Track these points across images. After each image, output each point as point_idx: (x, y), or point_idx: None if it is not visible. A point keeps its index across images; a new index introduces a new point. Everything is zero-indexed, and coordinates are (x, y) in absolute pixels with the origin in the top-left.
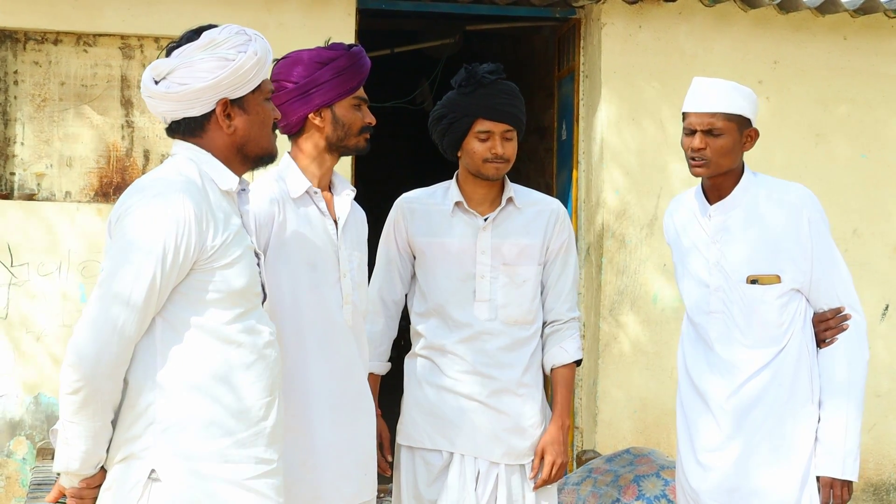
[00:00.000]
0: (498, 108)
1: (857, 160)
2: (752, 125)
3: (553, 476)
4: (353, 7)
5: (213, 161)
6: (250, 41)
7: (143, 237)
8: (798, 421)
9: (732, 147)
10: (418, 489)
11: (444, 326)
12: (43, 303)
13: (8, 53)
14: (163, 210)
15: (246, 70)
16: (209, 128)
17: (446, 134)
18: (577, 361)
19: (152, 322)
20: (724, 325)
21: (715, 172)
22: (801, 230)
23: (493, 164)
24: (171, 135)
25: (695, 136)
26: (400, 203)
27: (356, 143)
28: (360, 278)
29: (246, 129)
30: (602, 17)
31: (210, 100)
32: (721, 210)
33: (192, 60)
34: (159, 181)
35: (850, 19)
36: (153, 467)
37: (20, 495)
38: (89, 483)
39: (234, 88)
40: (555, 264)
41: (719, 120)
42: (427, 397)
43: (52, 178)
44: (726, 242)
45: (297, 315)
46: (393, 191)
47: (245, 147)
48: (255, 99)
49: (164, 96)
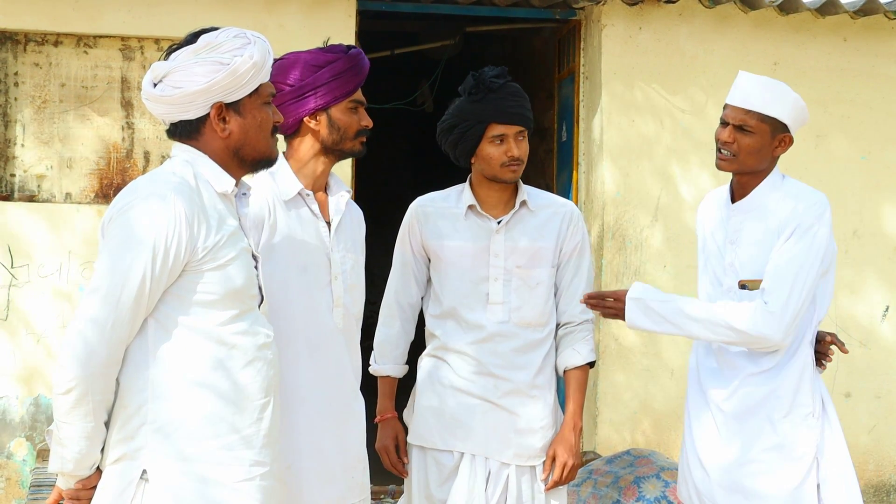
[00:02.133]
0: (509, 110)
1: (857, 161)
2: (789, 131)
3: (564, 478)
4: (354, 8)
5: (209, 163)
6: (248, 45)
7: (134, 237)
8: (798, 431)
9: (760, 148)
10: (429, 489)
11: (457, 328)
12: (43, 304)
13: (8, 55)
14: (154, 210)
15: (241, 74)
16: (204, 131)
17: (459, 143)
18: (590, 363)
19: (144, 323)
20: None
21: (738, 169)
22: (783, 235)
23: (509, 167)
24: (170, 136)
25: (727, 128)
26: (414, 207)
27: (352, 146)
28: (353, 280)
29: (241, 132)
30: (602, 19)
31: (204, 103)
32: (738, 210)
33: (186, 64)
34: (151, 182)
35: (850, 21)
36: (144, 468)
37: (20, 496)
38: (85, 484)
39: (228, 92)
40: (568, 266)
41: (752, 118)
42: (439, 398)
43: (52, 179)
44: (738, 243)
45: (287, 317)
46: (393, 192)
47: (241, 150)
48: (251, 103)
49: (159, 99)
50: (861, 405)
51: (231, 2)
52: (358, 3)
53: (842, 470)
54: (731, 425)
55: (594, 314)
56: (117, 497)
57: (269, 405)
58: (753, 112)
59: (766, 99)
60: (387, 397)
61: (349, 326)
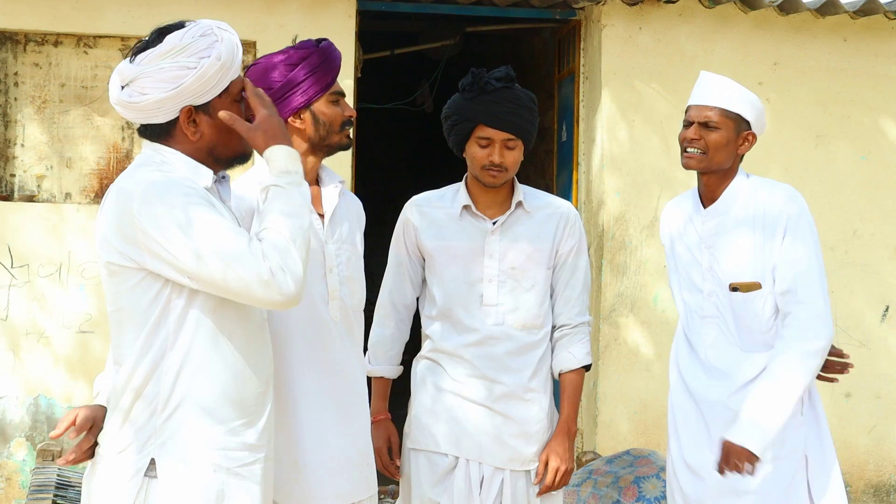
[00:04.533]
0: (500, 115)
1: (856, 161)
2: (752, 129)
3: (557, 483)
4: (354, 8)
5: (184, 160)
6: (216, 43)
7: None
8: (788, 429)
9: (726, 144)
10: (423, 490)
11: (452, 330)
12: (43, 304)
13: (8, 55)
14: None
15: (209, 77)
16: (175, 133)
17: (450, 135)
18: (586, 367)
19: (150, 314)
20: (719, 329)
21: (707, 167)
22: (776, 233)
23: (489, 171)
24: (141, 136)
25: (691, 126)
26: (409, 206)
27: (339, 139)
28: (349, 272)
29: (213, 133)
30: (602, 19)
31: (173, 108)
32: (712, 214)
33: (152, 70)
34: (158, 183)
35: (850, 21)
36: (152, 457)
37: (20, 497)
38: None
39: (197, 96)
40: (564, 268)
41: (716, 114)
42: (434, 400)
43: (52, 179)
44: (717, 247)
45: (283, 313)
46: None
47: (215, 150)
48: (221, 102)
49: (126, 105)
50: (861, 405)
51: (231, 2)
52: (358, 3)
53: (828, 467)
54: (720, 427)
55: (591, 317)
56: (123, 487)
57: (267, 393)
58: (716, 108)
59: (726, 96)
60: (380, 398)
61: (348, 319)
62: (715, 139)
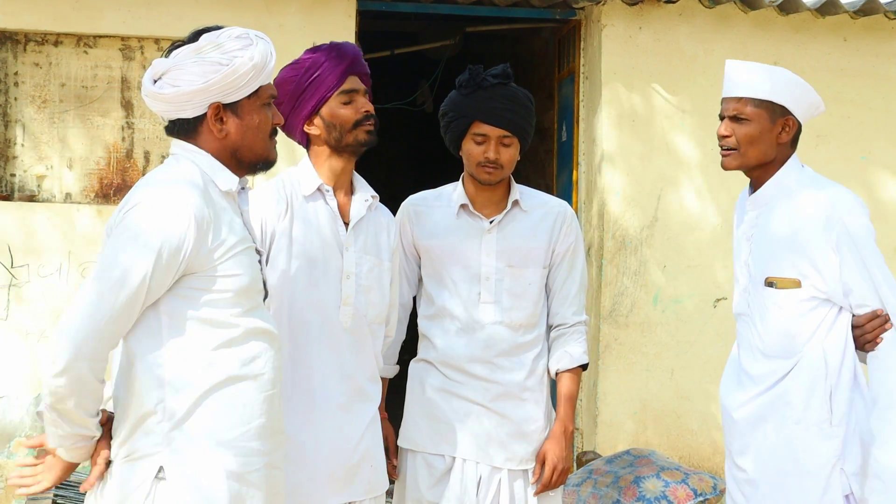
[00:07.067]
0: (495, 112)
1: (857, 162)
2: (790, 113)
3: (554, 482)
4: (354, 8)
5: (212, 162)
6: (250, 46)
7: (141, 237)
8: (810, 444)
9: (760, 136)
10: (420, 492)
11: (448, 329)
12: (43, 304)
13: (8, 55)
14: (163, 212)
15: (240, 75)
16: (201, 130)
17: (447, 132)
18: (583, 366)
19: (158, 320)
20: (748, 328)
21: (742, 164)
22: (829, 236)
23: (485, 168)
24: (168, 133)
25: (723, 122)
26: (406, 205)
27: (355, 137)
28: (369, 282)
29: (238, 134)
30: (602, 19)
31: (201, 103)
32: (754, 204)
33: (185, 63)
34: (164, 181)
35: (850, 21)
36: (161, 464)
37: (20, 496)
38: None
39: (227, 93)
40: (560, 267)
41: (746, 105)
42: (430, 400)
43: (52, 179)
44: (755, 240)
45: (295, 309)
46: (393, 192)
47: (238, 152)
48: (250, 104)
49: (156, 96)
50: None
51: (231, 2)
52: (358, 3)
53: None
54: (744, 436)
55: (587, 316)
56: (130, 494)
57: (274, 397)
58: (746, 98)
59: (756, 83)
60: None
61: (360, 328)
62: (746, 133)
